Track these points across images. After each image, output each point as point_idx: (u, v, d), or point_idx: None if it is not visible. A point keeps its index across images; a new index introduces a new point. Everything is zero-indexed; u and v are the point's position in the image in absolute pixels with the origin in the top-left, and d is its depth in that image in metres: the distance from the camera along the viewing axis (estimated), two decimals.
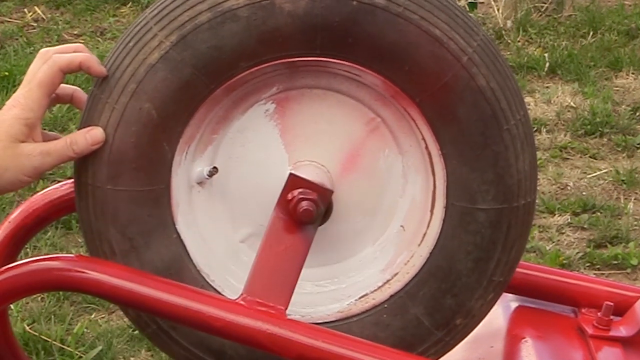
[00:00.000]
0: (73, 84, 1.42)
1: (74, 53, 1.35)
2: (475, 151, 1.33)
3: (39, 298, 3.45)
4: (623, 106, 5.11)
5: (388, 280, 1.41)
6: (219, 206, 1.42)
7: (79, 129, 1.34)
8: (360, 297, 1.41)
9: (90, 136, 1.32)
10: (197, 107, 1.34)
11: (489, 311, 1.40)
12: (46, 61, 1.33)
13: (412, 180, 1.40)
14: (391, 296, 1.39)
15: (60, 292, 3.38)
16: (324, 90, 1.39)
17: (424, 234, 1.39)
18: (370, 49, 1.31)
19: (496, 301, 1.40)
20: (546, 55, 5.61)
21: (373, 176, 1.41)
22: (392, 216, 1.42)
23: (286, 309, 1.32)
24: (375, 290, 1.41)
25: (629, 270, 3.83)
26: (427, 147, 1.37)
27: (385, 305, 1.39)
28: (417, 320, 1.38)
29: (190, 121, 1.34)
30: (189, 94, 1.32)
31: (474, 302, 1.37)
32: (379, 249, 1.43)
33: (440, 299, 1.37)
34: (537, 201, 1.42)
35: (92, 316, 3.38)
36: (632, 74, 5.50)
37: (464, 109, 1.32)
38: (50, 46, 1.38)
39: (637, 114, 5.03)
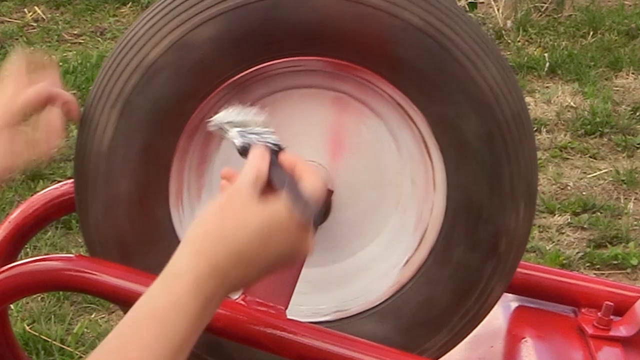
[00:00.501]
0: (74, 84, 1.42)
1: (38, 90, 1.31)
2: (437, 84, 1.32)
3: (39, 298, 3.45)
4: (623, 106, 5.11)
5: (422, 237, 1.40)
6: None
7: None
8: (405, 264, 1.41)
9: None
10: (170, 164, 1.34)
11: (529, 225, 1.38)
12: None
13: (401, 137, 1.40)
14: (431, 250, 1.39)
15: (60, 292, 3.37)
16: (281, 92, 1.39)
17: (434, 179, 1.38)
18: (295, 37, 1.30)
19: (532, 212, 1.38)
20: (546, 55, 5.61)
21: (365, 150, 1.41)
22: (400, 177, 1.42)
23: (286, 309, 1.32)
24: (415, 250, 1.40)
25: (629, 270, 3.83)
26: (396, 101, 1.36)
27: (430, 261, 1.39)
28: (464, 261, 1.37)
29: (170, 178, 1.35)
30: (156, 155, 1.32)
31: (508, 221, 1.35)
32: (402, 213, 1.42)
33: (475, 232, 1.36)
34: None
35: (92, 316, 3.37)
36: (632, 74, 5.50)
37: (408, 52, 1.31)
38: (50, 46, 1.38)
39: (637, 114, 5.03)
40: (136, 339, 1.00)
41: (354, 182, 1.42)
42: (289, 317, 1.34)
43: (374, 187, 1.42)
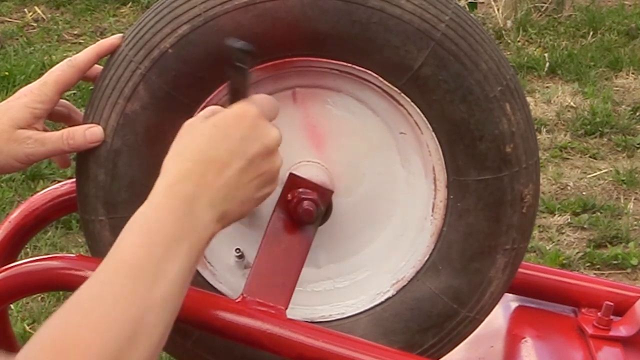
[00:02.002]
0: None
1: (86, 50, 1.37)
2: (363, 38, 1.31)
3: (39, 298, 3.45)
4: (623, 106, 5.11)
5: (435, 178, 1.39)
6: None
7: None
8: (433, 211, 1.40)
9: (90, 133, 1.33)
10: None
11: (526, 119, 1.36)
12: (68, 62, 1.36)
13: (365, 98, 1.39)
14: (447, 186, 1.38)
15: (60, 292, 3.37)
16: None
17: (415, 122, 1.37)
18: (218, 64, 1.30)
19: (522, 106, 1.36)
20: (546, 55, 5.61)
21: (343, 127, 1.41)
22: (389, 135, 1.41)
23: (286, 309, 1.33)
24: (435, 194, 1.40)
25: (629, 270, 3.84)
26: (340, 71, 1.35)
27: (452, 196, 1.38)
28: (481, 182, 1.36)
29: None
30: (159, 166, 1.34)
31: (500, 125, 1.34)
32: (408, 165, 1.42)
33: (475, 151, 1.35)
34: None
35: None
36: (632, 74, 5.50)
37: (319, 23, 1.30)
38: (50, 46, 1.39)
39: (637, 114, 5.03)
40: (125, 243, 1.06)
41: (351, 162, 1.41)
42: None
43: (372, 156, 1.42)
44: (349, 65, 1.34)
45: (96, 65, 1.39)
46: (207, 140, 1.15)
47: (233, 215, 1.16)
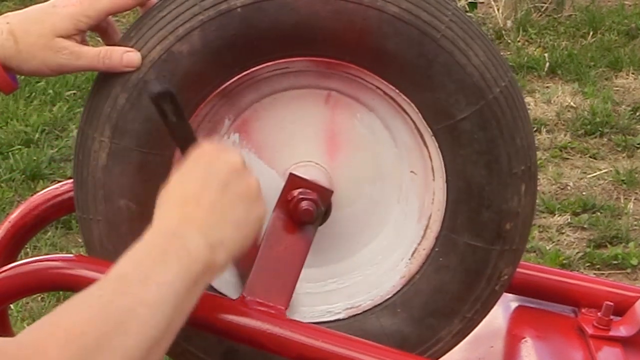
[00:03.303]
0: (74, 84, 1.43)
1: None
2: (423, 71, 1.32)
3: (39, 298, 3.45)
4: (623, 106, 5.11)
5: (427, 227, 1.40)
6: None
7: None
8: (412, 255, 1.41)
9: (127, 57, 1.31)
10: (167, 178, 1.34)
11: (532, 205, 1.38)
12: None
13: (395, 128, 1.40)
14: (436, 238, 1.39)
15: (60, 292, 3.37)
16: (271, 95, 1.39)
17: (432, 167, 1.38)
18: (276, 40, 1.30)
19: (534, 192, 1.37)
20: (546, 55, 5.61)
21: (361, 145, 1.41)
22: (399, 168, 1.42)
23: (286, 309, 1.33)
24: (421, 240, 1.40)
25: (629, 270, 3.83)
26: (384, 92, 1.36)
27: (437, 249, 1.39)
28: (470, 247, 1.37)
29: None
30: (153, 171, 1.33)
31: (510, 203, 1.36)
32: (404, 204, 1.42)
33: (478, 216, 1.36)
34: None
35: None
36: (632, 74, 5.50)
37: (389, 42, 1.31)
38: None
39: (637, 114, 5.03)
40: (111, 271, 1.06)
41: (353, 179, 1.42)
42: (294, 318, 1.34)
43: (374, 182, 1.42)
44: (396, 90, 1.34)
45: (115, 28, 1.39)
46: (175, 185, 1.17)
47: (233, 241, 1.16)
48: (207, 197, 1.16)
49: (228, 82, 1.33)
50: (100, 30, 1.39)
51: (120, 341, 0.99)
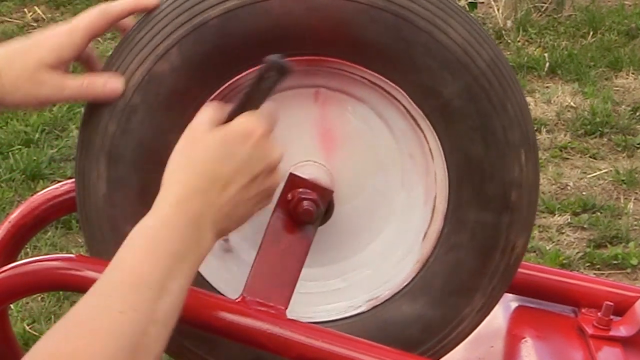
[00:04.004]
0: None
1: (123, 1, 1.36)
2: (405, 55, 1.31)
3: (39, 298, 3.45)
4: (623, 106, 5.11)
5: (434, 208, 1.40)
6: None
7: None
8: (424, 238, 1.41)
9: (110, 84, 1.31)
10: None
11: (535, 172, 1.37)
12: (100, 9, 1.35)
13: (387, 116, 1.39)
14: (445, 218, 1.38)
15: (60, 292, 3.37)
16: None
17: (429, 149, 1.38)
18: (256, 44, 1.30)
19: (535, 158, 1.37)
20: (546, 55, 5.61)
21: (357, 137, 1.41)
22: (398, 155, 1.41)
23: (286, 308, 1.33)
24: (430, 222, 1.40)
25: (629, 270, 3.83)
26: (371, 82, 1.36)
27: (447, 229, 1.39)
28: (479, 221, 1.37)
29: None
30: (154, 193, 1.31)
31: (512, 172, 1.35)
32: (409, 190, 1.42)
33: (482, 189, 1.36)
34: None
35: None
36: (632, 74, 5.50)
37: (367, 31, 1.30)
38: None
39: (637, 114, 5.03)
40: (129, 256, 1.07)
41: (355, 172, 1.42)
42: (321, 318, 1.36)
43: (376, 172, 1.42)
44: (382, 78, 1.34)
45: (128, 19, 1.38)
46: (213, 157, 1.17)
47: (230, 230, 1.20)
48: (233, 187, 1.16)
49: (215, 94, 1.33)
50: (81, 61, 1.39)
51: None
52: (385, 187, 1.43)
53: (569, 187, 4.40)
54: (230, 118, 1.23)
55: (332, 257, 1.44)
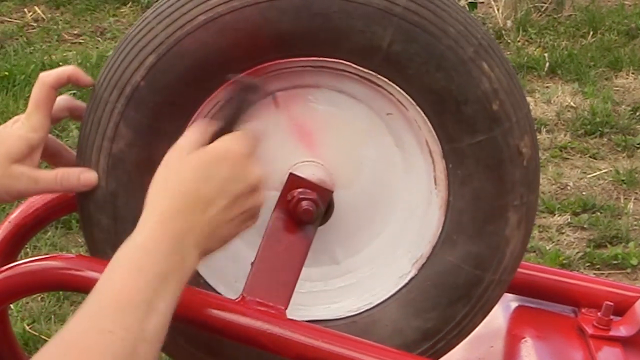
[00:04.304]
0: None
1: (60, 68, 1.36)
2: (326, 30, 1.31)
3: (39, 298, 3.45)
4: (623, 106, 5.11)
5: (430, 152, 1.39)
6: None
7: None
8: (435, 184, 1.40)
9: (84, 177, 1.33)
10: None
11: (506, 75, 1.36)
12: (37, 83, 1.34)
13: (344, 88, 1.39)
14: (443, 155, 1.38)
15: (60, 292, 3.37)
16: None
17: (396, 100, 1.37)
18: (204, 76, 1.31)
19: (500, 61, 1.36)
20: (546, 55, 5.61)
21: (331, 121, 1.41)
22: (376, 117, 1.41)
23: (286, 308, 1.33)
24: (433, 167, 1.40)
25: (629, 270, 3.83)
26: (313, 66, 1.36)
27: (450, 166, 1.38)
28: (475, 144, 1.36)
29: None
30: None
31: (482, 84, 1.34)
32: (401, 144, 1.42)
33: (463, 116, 1.35)
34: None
35: None
36: (632, 74, 5.50)
37: (281, 25, 1.30)
38: (50, 46, 1.39)
39: (637, 114, 5.03)
40: (116, 276, 1.08)
41: (345, 153, 1.41)
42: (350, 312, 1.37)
43: (365, 143, 1.42)
44: (321, 59, 1.34)
45: (81, 104, 1.39)
46: (193, 178, 1.17)
47: (213, 250, 1.20)
48: (214, 208, 1.17)
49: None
50: (52, 156, 1.40)
51: None
52: (381, 152, 1.42)
53: (569, 187, 4.40)
54: (212, 140, 1.24)
55: (362, 241, 1.44)
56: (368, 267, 1.45)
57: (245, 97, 1.24)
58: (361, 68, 1.34)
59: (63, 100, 1.39)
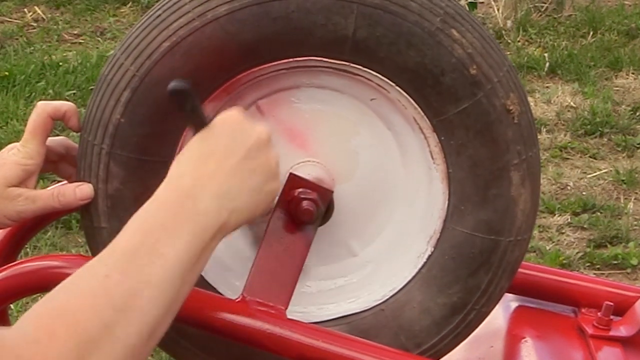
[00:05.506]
0: (74, 84, 1.43)
1: (60, 102, 1.39)
2: (289, 29, 1.32)
3: (39, 298, 3.45)
4: (623, 106, 5.11)
5: (421, 129, 1.39)
6: None
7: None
8: (432, 159, 1.41)
9: (80, 191, 1.34)
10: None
11: (479, 37, 1.36)
12: (35, 110, 1.36)
13: (325, 84, 1.39)
14: (434, 129, 1.38)
15: None
16: None
17: (377, 85, 1.37)
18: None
19: (472, 25, 1.36)
20: (546, 55, 5.62)
21: (319, 118, 1.41)
22: (363, 105, 1.41)
23: (286, 308, 1.33)
24: (427, 143, 1.40)
25: (629, 270, 3.84)
26: (287, 69, 1.36)
27: (442, 138, 1.38)
28: (462, 111, 1.36)
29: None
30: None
31: (454, 52, 1.34)
32: (392, 126, 1.42)
33: (444, 87, 1.35)
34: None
35: None
36: (632, 74, 5.51)
37: (246, 32, 1.31)
38: (50, 46, 1.39)
39: (637, 114, 5.03)
40: (122, 232, 1.10)
41: (339, 146, 1.42)
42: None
43: (357, 132, 1.42)
44: (292, 60, 1.34)
45: (76, 146, 1.40)
46: (200, 145, 1.18)
47: (247, 209, 1.18)
48: (229, 160, 1.17)
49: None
50: (57, 166, 1.42)
51: (123, 330, 1.01)
52: (374, 139, 1.42)
53: (569, 187, 4.40)
54: None
55: (374, 229, 1.44)
56: (385, 253, 1.45)
57: (189, 100, 1.20)
58: (333, 61, 1.35)
59: (59, 139, 1.42)
